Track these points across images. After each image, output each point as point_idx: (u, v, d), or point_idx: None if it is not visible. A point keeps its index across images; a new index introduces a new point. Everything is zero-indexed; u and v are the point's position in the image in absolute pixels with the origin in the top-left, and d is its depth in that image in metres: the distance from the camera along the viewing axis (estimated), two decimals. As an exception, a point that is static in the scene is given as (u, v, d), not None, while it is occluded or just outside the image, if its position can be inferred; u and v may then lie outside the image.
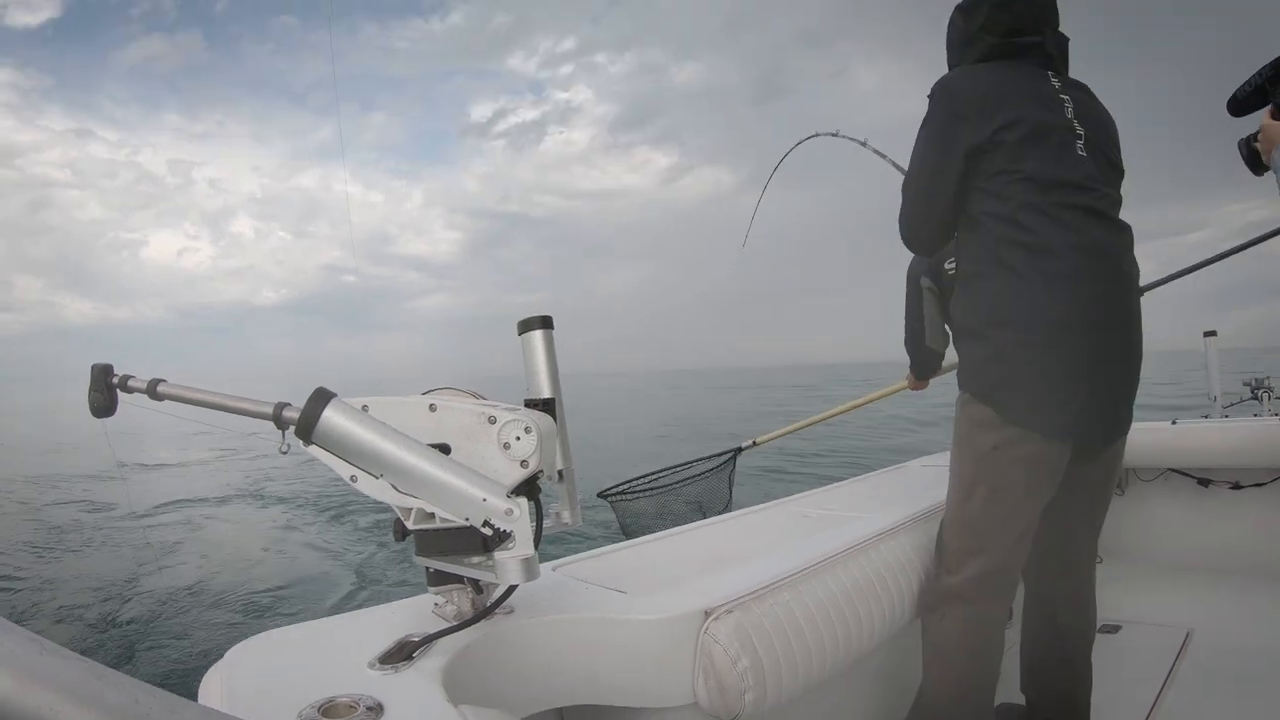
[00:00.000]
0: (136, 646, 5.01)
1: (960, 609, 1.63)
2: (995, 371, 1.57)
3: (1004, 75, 1.61)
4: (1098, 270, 1.53)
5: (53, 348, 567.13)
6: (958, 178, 1.59)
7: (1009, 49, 1.64)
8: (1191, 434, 3.11)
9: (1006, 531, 1.60)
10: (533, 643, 1.18)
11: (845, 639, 1.46)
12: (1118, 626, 2.53)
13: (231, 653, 1.06)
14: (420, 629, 1.09)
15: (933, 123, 1.63)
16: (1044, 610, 1.81)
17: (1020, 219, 1.53)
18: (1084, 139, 1.57)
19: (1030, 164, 1.53)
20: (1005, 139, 1.53)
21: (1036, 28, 1.64)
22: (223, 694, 0.95)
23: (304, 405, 0.93)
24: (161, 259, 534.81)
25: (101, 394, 1.06)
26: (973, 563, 1.62)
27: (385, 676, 0.96)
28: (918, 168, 1.67)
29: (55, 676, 0.32)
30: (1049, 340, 1.51)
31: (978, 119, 1.55)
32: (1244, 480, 2.99)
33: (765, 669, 1.27)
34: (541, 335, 1.21)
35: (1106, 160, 1.61)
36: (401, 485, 0.96)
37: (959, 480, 1.66)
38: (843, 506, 2.18)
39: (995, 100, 1.55)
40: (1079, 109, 1.60)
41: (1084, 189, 1.54)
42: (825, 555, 1.56)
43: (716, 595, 1.31)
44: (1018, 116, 1.53)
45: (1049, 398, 1.52)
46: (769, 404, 32.24)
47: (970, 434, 1.62)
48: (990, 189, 1.57)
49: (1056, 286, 1.50)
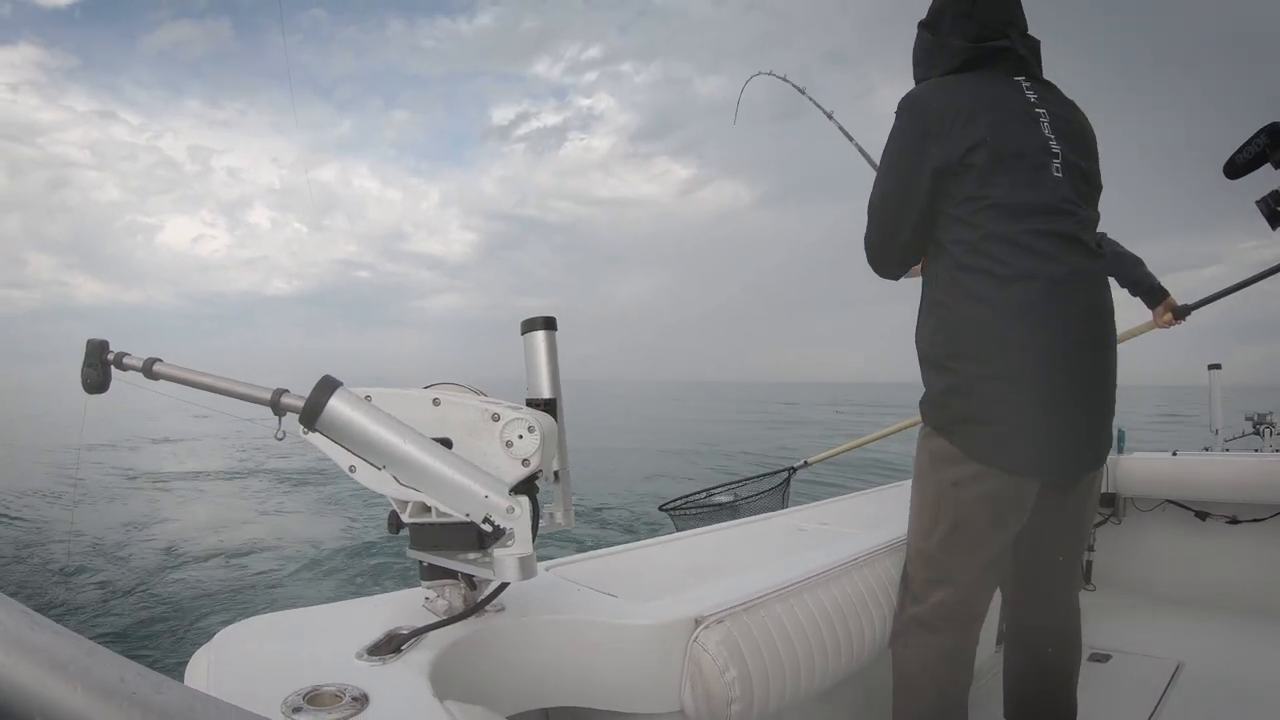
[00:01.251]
0: (126, 626, 5.01)
1: (926, 638, 1.60)
2: (958, 405, 1.51)
3: (976, 88, 1.54)
4: (1071, 302, 1.46)
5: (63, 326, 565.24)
6: (925, 199, 1.52)
7: (978, 56, 1.57)
8: (1191, 466, 3.11)
9: (971, 564, 1.56)
10: (522, 642, 1.18)
11: (835, 654, 1.45)
12: (1108, 655, 2.52)
13: (220, 636, 1.06)
14: (410, 622, 1.09)
15: (900, 139, 1.56)
16: (1027, 639, 1.78)
17: (988, 249, 1.46)
18: (1060, 158, 1.50)
19: (1000, 189, 1.46)
20: (974, 161, 1.47)
21: (1003, 30, 1.57)
22: (209, 676, 0.95)
23: (310, 392, 0.93)
24: (176, 244, 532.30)
25: (95, 370, 1.04)
26: (937, 593, 1.58)
27: (372, 668, 0.96)
28: (884, 189, 1.59)
29: (44, 650, 0.32)
30: (1016, 375, 1.45)
31: (947, 137, 1.48)
32: (1242, 515, 2.99)
33: (753, 680, 1.26)
34: (544, 336, 1.21)
35: (1083, 177, 1.54)
36: (404, 477, 0.96)
37: (919, 513, 1.62)
38: (838, 522, 2.17)
39: (966, 115, 1.48)
40: (1056, 123, 1.53)
41: (1059, 213, 1.48)
42: (818, 570, 1.55)
43: (708, 604, 1.30)
44: (988, 136, 1.46)
45: (1014, 435, 1.46)
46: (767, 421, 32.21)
47: (931, 468, 1.57)
48: (957, 215, 1.50)
49: (1026, 320, 1.44)
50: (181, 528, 7.85)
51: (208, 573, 6.25)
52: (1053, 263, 1.45)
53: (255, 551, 7.05)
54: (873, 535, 1.86)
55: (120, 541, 7.29)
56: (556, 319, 1.22)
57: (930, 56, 1.66)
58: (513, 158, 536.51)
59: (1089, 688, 1.82)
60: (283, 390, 0.95)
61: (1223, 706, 2.14)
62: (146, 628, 4.98)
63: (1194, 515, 3.08)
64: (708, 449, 16.83)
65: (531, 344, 1.20)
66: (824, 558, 1.64)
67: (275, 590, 5.90)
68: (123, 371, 1.04)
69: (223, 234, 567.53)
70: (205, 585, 5.93)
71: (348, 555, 6.86)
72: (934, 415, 1.57)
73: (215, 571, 6.31)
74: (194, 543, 7.25)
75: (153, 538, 7.43)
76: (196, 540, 7.34)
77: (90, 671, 0.32)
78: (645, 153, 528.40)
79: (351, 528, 7.82)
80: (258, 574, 6.27)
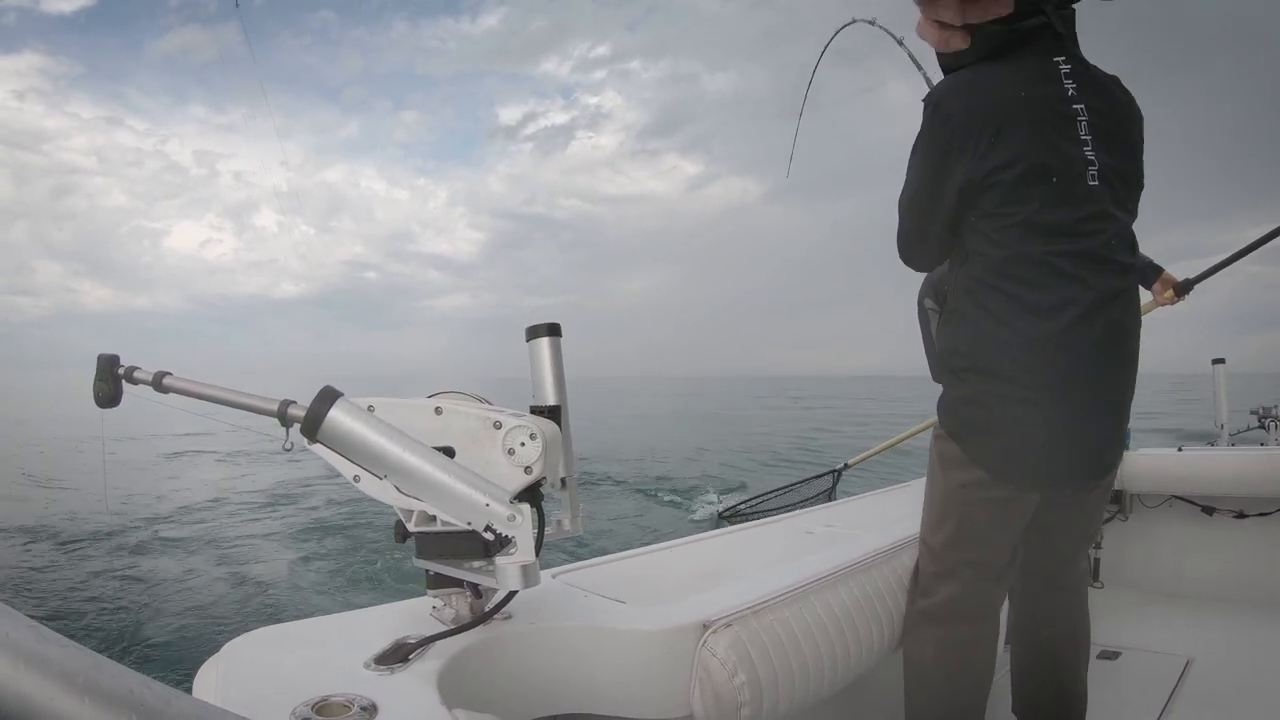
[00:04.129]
0: (133, 638, 5.01)
1: (934, 631, 1.61)
2: (969, 414, 1.51)
3: (1010, 84, 1.41)
4: (1095, 325, 1.41)
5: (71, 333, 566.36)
6: (951, 211, 1.47)
7: (1013, 38, 1.42)
8: (1197, 461, 3.10)
9: (976, 561, 1.58)
10: (530, 649, 1.18)
11: (844, 657, 1.45)
12: (1117, 653, 2.51)
13: (228, 647, 1.06)
14: (417, 631, 1.09)
15: (925, 149, 1.48)
16: (1035, 634, 1.78)
17: (1013, 271, 1.41)
18: (1097, 165, 1.39)
19: (1030, 207, 1.39)
20: (1003, 179, 1.38)
21: (1037, 6, 1.41)
22: (218, 688, 0.95)
23: (310, 404, 0.93)
24: (183, 249, 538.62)
25: (107, 384, 1.05)
26: (944, 587, 1.60)
27: (380, 677, 0.96)
28: (911, 193, 1.54)
29: (53, 663, 0.32)
30: (1033, 398, 1.43)
31: (973, 153, 1.39)
32: (1249, 510, 2.97)
33: (762, 684, 1.26)
34: (549, 343, 1.21)
35: (1122, 182, 1.45)
36: (405, 487, 0.96)
37: (929, 509, 1.64)
38: (845, 524, 2.17)
39: (995, 127, 1.38)
40: (1094, 118, 1.41)
41: (1091, 233, 1.40)
42: (827, 572, 1.55)
43: (716, 608, 1.30)
44: (1019, 152, 1.37)
45: (1026, 449, 1.46)
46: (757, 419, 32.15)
47: (941, 468, 1.58)
48: (984, 229, 1.44)
49: (1048, 350, 1.40)
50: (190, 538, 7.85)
51: (215, 583, 6.24)
52: (1081, 289, 1.39)
53: (262, 562, 7.05)
54: (880, 536, 1.85)
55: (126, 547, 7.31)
56: (560, 325, 1.22)
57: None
58: (520, 156, 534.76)
59: (1098, 686, 1.81)
60: (290, 401, 0.96)
61: (1234, 702, 2.13)
62: (154, 639, 4.98)
63: (1201, 510, 3.07)
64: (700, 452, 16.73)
65: (536, 351, 1.21)
66: (831, 560, 1.63)
67: (283, 601, 5.90)
68: (133, 385, 1.05)
69: (230, 238, 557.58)
70: (212, 596, 5.93)
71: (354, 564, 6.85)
72: (948, 420, 1.57)
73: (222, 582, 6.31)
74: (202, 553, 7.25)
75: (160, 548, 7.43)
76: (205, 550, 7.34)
77: (98, 684, 0.33)
78: (653, 149, 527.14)
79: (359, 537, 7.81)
80: (265, 584, 6.27)
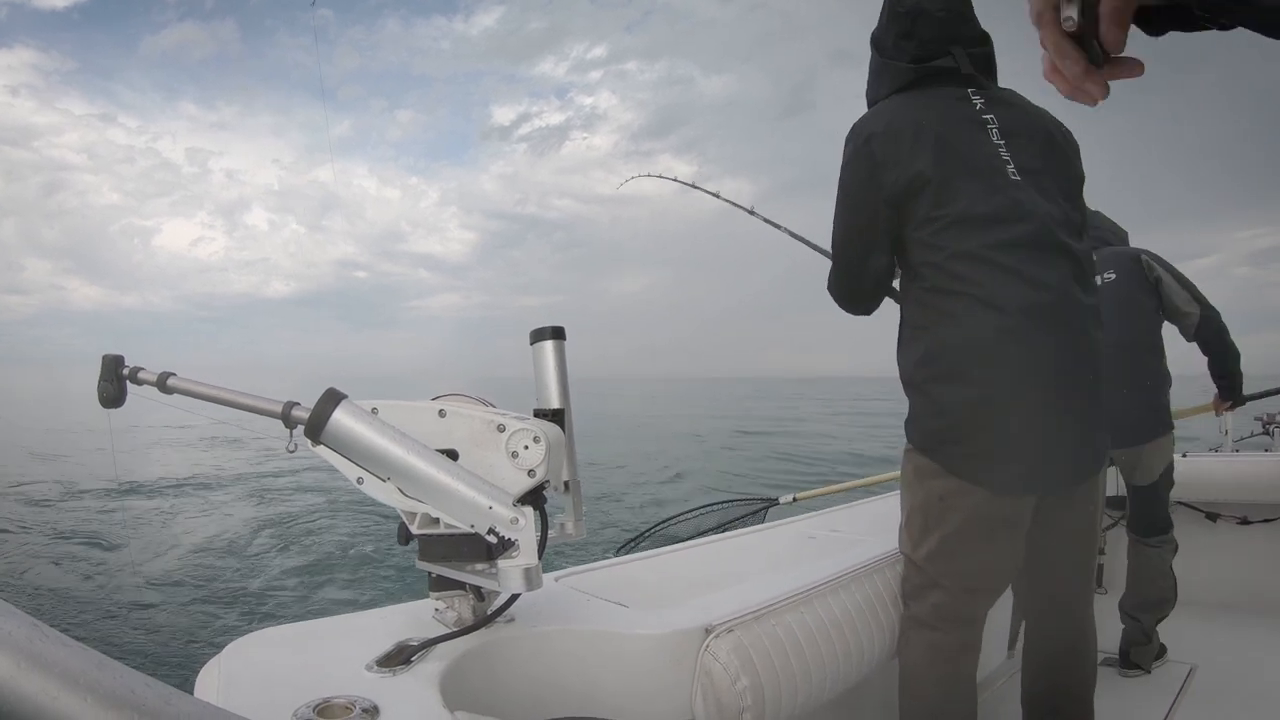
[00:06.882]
0: (135, 638, 5.02)
1: (924, 635, 1.60)
2: (939, 427, 1.51)
3: (921, 108, 1.54)
4: (1049, 315, 1.43)
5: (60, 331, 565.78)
6: (887, 228, 1.52)
7: (923, 76, 1.58)
8: (1201, 467, 3.09)
9: (962, 574, 1.55)
10: (532, 652, 1.18)
11: (846, 661, 1.45)
12: None
13: (230, 648, 1.06)
14: (420, 633, 1.09)
15: (851, 172, 1.56)
16: (1042, 647, 1.76)
17: (956, 269, 1.45)
18: (1013, 162, 1.49)
19: (958, 204, 1.45)
20: (927, 179, 1.46)
21: (944, 49, 1.57)
22: (219, 688, 0.95)
23: (314, 405, 0.93)
24: (174, 247, 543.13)
25: (111, 385, 1.06)
26: (930, 596, 1.58)
27: (382, 679, 0.96)
28: (845, 223, 1.59)
29: (55, 662, 0.32)
30: (997, 396, 1.44)
31: (895, 162, 1.48)
32: (1253, 516, 2.96)
33: (765, 689, 1.26)
34: (553, 346, 1.21)
35: (1049, 175, 1.53)
36: (408, 489, 0.96)
37: (908, 525, 1.61)
38: (848, 528, 2.16)
39: (911, 136, 1.48)
40: (1005, 124, 1.52)
41: (1022, 219, 1.45)
42: (828, 577, 1.54)
43: (718, 613, 1.30)
44: (940, 155, 1.46)
45: (998, 454, 1.45)
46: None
47: (917, 480, 1.57)
48: (921, 237, 1.49)
49: (1004, 340, 1.42)
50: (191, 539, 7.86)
51: (217, 584, 6.25)
52: (1025, 279, 1.43)
53: (265, 562, 7.05)
54: (882, 541, 1.85)
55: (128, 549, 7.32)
56: (565, 329, 1.22)
57: (878, 77, 1.67)
58: (513, 156, 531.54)
59: (1103, 692, 1.80)
60: (294, 403, 0.96)
61: (1237, 709, 2.12)
62: (156, 639, 4.98)
63: (1204, 516, 3.06)
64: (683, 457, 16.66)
65: (540, 354, 1.21)
66: (834, 565, 1.63)
67: (285, 602, 5.90)
68: (138, 386, 1.06)
69: (221, 236, 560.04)
70: (214, 596, 5.93)
71: (357, 566, 6.86)
72: (917, 436, 1.57)
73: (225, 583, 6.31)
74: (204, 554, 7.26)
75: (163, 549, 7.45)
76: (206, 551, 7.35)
77: (100, 684, 0.33)
78: (647, 150, 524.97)
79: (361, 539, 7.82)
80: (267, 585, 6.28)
